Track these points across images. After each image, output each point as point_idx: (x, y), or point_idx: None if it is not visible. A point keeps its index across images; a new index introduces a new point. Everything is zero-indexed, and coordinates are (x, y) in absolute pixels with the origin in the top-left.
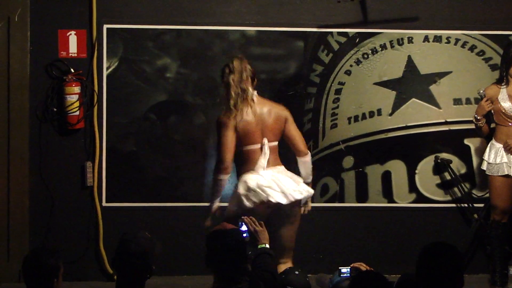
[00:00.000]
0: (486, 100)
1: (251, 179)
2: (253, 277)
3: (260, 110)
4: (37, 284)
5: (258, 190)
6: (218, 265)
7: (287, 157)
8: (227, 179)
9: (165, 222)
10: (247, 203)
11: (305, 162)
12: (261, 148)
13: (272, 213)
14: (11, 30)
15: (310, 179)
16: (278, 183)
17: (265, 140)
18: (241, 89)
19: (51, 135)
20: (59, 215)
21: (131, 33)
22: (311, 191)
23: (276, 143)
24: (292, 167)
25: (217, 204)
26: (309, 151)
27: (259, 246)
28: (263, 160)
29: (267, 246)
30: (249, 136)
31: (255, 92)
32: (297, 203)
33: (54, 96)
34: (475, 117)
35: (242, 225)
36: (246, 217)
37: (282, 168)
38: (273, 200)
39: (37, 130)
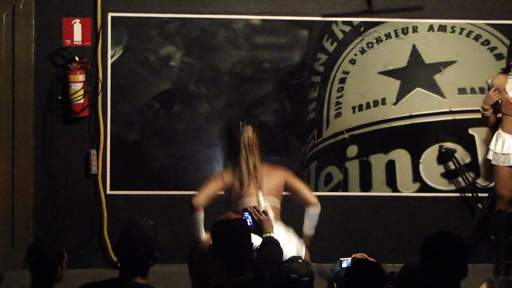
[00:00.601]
0: (494, 90)
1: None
2: (258, 267)
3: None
4: (42, 272)
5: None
6: (223, 255)
7: None
8: (200, 217)
9: (169, 210)
10: None
11: (313, 214)
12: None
13: None
14: (16, 18)
15: (312, 233)
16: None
17: (259, 192)
18: (254, 166)
19: (56, 123)
20: (63, 203)
21: (135, 21)
22: (300, 252)
23: (275, 200)
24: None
25: (203, 237)
26: (319, 203)
27: (264, 236)
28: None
29: (272, 235)
30: (245, 191)
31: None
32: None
33: (59, 84)
34: (482, 107)
35: (246, 215)
36: (249, 206)
37: (279, 222)
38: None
39: (41, 118)
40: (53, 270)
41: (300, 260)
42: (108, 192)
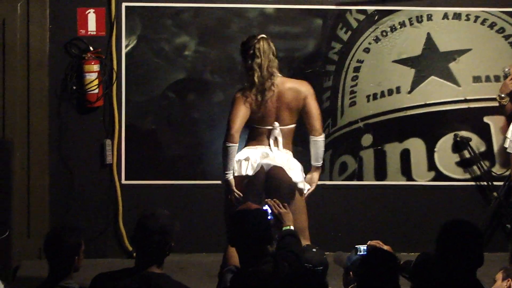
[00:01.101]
0: (511, 78)
1: (245, 152)
2: (278, 257)
3: (279, 91)
4: (59, 262)
5: (243, 161)
6: (242, 245)
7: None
8: (235, 149)
9: (184, 199)
10: (235, 171)
11: (317, 141)
12: (270, 131)
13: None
14: (31, 8)
15: (320, 163)
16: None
17: (277, 124)
18: (269, 73)
19: (71, 113)
20: (78, 193)
21: (149, 11)
22: (301, 185)
23: (291, 126)
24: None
25: (231, 177)
26: (323, 133)
27: (284, 228)
28: (270, 140)
29: (292, 228)
30: (263, 117)
31: (278, 73)
32: (290, 187)
33: (74, 74)
34: (499, 95)
35: (266, 208)
36: (269, 199)
37: (289, 153)
38: (243, 173)
39: (56, 108)
40: (71, 259)
41: (314, 250)
42: (123, 181)
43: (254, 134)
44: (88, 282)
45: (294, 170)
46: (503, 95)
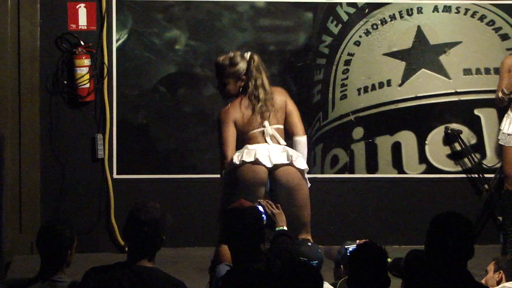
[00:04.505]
0: None
1: (248, 147)
2: (270, 256)
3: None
4: (52, 256)
5: (251, 150)
6: (235, 243)
7: None
8: None
9: (176, 193)
10: (236, 160)
11: (300, 142)
12: (263, 132)
13: (277, 191)
14: (21, 2)
15: (305, 165)
16: (270, 150)
17: (266, 123)
18: (260, 93)
19: (62, 107)
20: (70, 188)
21: (140, 5)
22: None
23: (280, 126)
24: None
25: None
26: (305, 135)
27: (277, 229)
28: (267, 139)
29: (285, 228)
30: (250, 123)
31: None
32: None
33: (65, 69)
34: (502, 91)
35: (259, 208)
36: (262, 200)
37: (284, 144)
38: (260, 158)
39: (47, 103)
40: (63, 254)
41: (309, 244)
42: (115, 176)
43: (248, 140)
44: (80, 276)
45: (299, 158)
46: (507, 92)
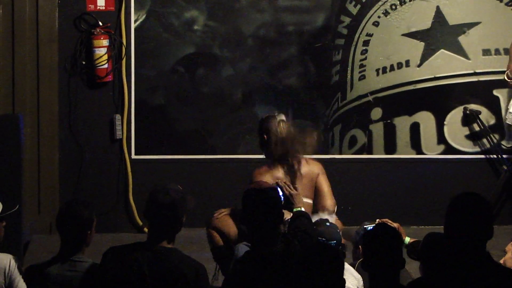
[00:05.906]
0: None
1: None
2: (288, 237)
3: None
4: (72, 236)
5: None
6: (254, 223)
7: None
8: None
9: (194, 174)
10: None
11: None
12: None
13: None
14: None
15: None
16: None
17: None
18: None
19: (80, 88)
20: (88, 168)
21: None
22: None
23: (309, 200)
24: None
25: None
26: (334, 213)
27: (294, 210)
28: None
29: (302, 209)
30: None
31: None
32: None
33: (83, 50)
34: (507, 74)
35: (277, 189)
36: (280, 181)
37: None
38: None
39: (66, 84)
40: (83, 234)
41: (328, 223)
42: (133, 156)
43: None
44: (98, 256)
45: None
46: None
